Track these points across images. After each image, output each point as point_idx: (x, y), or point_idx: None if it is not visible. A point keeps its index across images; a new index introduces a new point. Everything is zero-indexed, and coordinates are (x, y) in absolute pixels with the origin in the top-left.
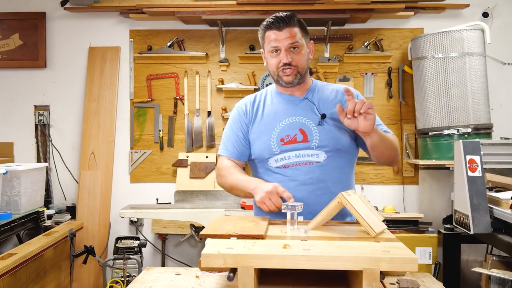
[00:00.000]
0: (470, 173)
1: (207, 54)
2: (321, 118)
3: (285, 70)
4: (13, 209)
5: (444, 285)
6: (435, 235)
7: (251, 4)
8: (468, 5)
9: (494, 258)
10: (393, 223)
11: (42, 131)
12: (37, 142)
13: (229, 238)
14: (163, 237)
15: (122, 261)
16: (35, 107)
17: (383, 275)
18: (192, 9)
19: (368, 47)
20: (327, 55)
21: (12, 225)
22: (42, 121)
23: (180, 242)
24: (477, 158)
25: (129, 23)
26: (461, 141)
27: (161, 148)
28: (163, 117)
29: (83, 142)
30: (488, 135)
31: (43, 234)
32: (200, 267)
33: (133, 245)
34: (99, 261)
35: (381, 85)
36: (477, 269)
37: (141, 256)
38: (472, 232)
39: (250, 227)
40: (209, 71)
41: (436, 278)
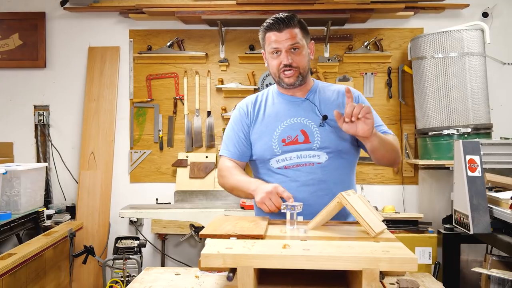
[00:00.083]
0: (469, 173)
1: (206, 54)
2: (322, 119)
3: (286, 72)
4: (12, 209)
5: (443, 285)
6: (435, 235)
7: (251, 4)
8: (468, 5)
9: (494, 258)
10: (393, 223)
11: (42, 131)
12: (36, 142)
13: (229, 238)
14: (162, 237)
15: (122, 261)
16: (35, 107)
17: (382, 275)
18: (191, 9)
19: (368, 47)
20: (326, 55)
21: (11, 225)
22: (42, 121)
23: (180, 242)
24: (476, 158)
25: (129, 23)
26: (460, 141)
27: (161, 148)
28: (163, 117)
29: (83, 142)
30: (488, 135)
31: (43, 234)
32: (200, 267)
33: (132, 245)
34: (98, 261)
35: (381, 85)
36: (477, 269)
37: (140, 256)
38: (471, 232)
39: (250, 227)
40: (208, 71)
41: (436, 278)
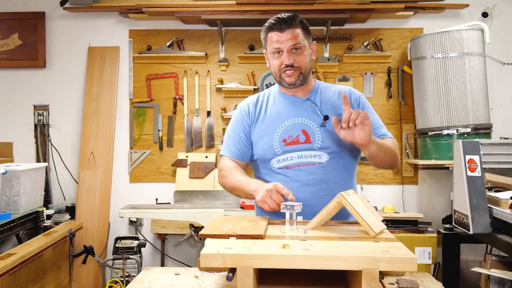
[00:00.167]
0: (469, 173)
1: (206, 54)
2: (323, 119)
3: (287, 72)
4: (12, 209)
5: (443, 285)
6: (435, 235)
7: (251, 4)
8: (467, 5)
9: (494, 258)
10: (393, 223)
11: (42, 131)
12: (36, 142)
13: (228, 238)
14: (162, 237)
15: (122, 261)
16: (35, 107)
17: (382, 275)
18: (191, 9)
19: (368, 47)
20: (326, 55)
21: (11, 225)
22: (42, 121)
23: (180, 242)
24: (476, 158)
25: (129, 23)
26: (460, 141)
27: (161, 148)
28: (163, 117)
29: (83, 142)
30: (488, 135)
31: (43, 234)
32: (199, 267)
33: (132, 245)
34: (98, 261)
35: (381, 85)
36: (477, 269)
37: (140, 256)
38: (471, 232)
39: (249, 227)
40: (208, 71)
41: (436, 278)
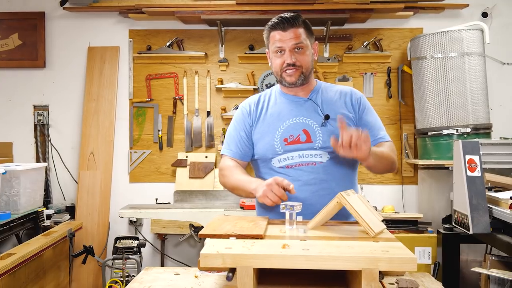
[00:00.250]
0: (469, 173)
1: (206, 54)
2: (324, 119)
3: (288, 71)
4: (12, 209)
5: (443, 285)
6: (434, 235)
7: (250, 4)
8: (467, 5)
9: (493, 258)
10: (392, 223)
11: (41, 131)
12: (36, 142)
13: (228, 238)
14: (162, 237)
15: (121, 261)
16: (34, 107)
17: (382, 275)
18: (191, 9)
19: (368, 47)
20: (326, 55)
21: (11, 225)
22: (41, 121)
23: (179, 242)
24: (476, 158)
25: (129, 23)
26: (460, 141)
27: (161, 148)
28: (163, 117)
29: (82, 142)
30: (487, 135)
31: (42, 234)
32: (199, 267)
33: (132, 245)
34: (98, 261)
35: (381, 85)
36: (477, 269)
37: (140, 256)
38: (471, 232)
39: (249, 227)
40: (208, 71)
41: (435, 278)
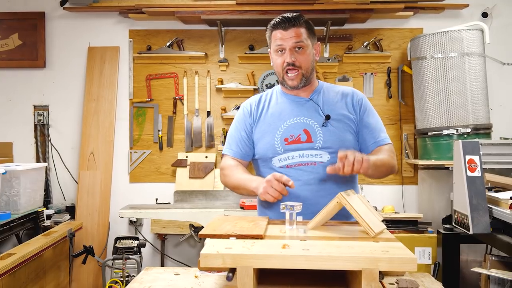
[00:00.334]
0: (469, 173)
1: (206, 54)
2: (325, 119)
3: (289, 74)
4: (12, 209)
5: (443, 285)
6: (435, 235)
7: (251, 4)
8: (467, 5)
9: (494, 258)
10: (393, 223)
11: (41, 131)
12: (36, 142)
13: (228, 238)
14: (162, 237)
15: (121, 261)
16: (34, 107)
17: (382, 275)
18: (191, 9)
19: (368, 47)
20: (326, 55)
21: (11, 225)
22: (41, 121)
23: (179, 242)
24: (476, 158)
25: (129, 23)
26: (460, 141)
27: (161, 148)
28: (163, 117)
29: (82, 142)
30: (488, 135)
31: (42, 234)
32: (199, 267)
33: (132, 245)
34: (98, 261)
35: (381, 85)
36: (477, 269)
37: (140, 256)
38: (471, 232)
39: (249, 227)
40: (208, 71)
41: (436, 278)
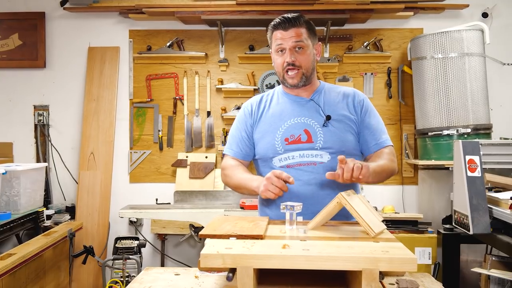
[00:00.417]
0: (469, 173)
1: (206, 54)
2: (326, 119)
3: (289, 72)
4: (12, 209)
5: (443, 285)
6: (435, 235)
7: (251, 4)
8: (467, 6)
9: (494, 258)
10: (393, 223)
11: (42, 131)
12: (36, 142)
13: (228, 238)
14: (162, 237)
15: (122, 261)
16: (35, 107)
17: (382, 275)
18: (191, 9)
19: (368, 47)
20: (326, 55)
21: (11, 225)
22: (42, 121)
23: (180, 242)
24: (476, 158)
25: (129, 23)
26: (460, 141)
27: (161, 148)
28: (163, 117)
29: (83, 142)
30: (488, 135)
31: (43, 234)
32: (199, 267)
33: (132, 245)
34: (98, 261)
35: (381, 85)
36: (477, 269)
37: (140, 256)
38: (471, 232)
39: (249, 227)
40: (208, 71)
41: (436, 278)
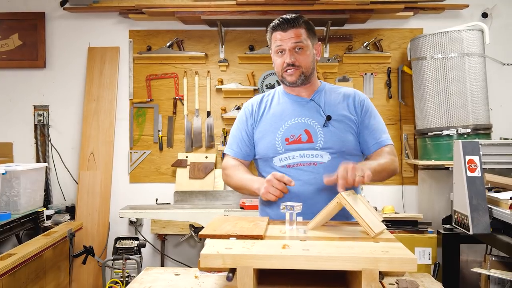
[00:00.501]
0: (469, 174)
1: (206, 55)
2: (326, 119)
3: (288, 70)
4: (12, 209)
5: (443, 285)
6: (435, 235)
7: (251, 5)
8: (467, 6)
9: (494, 258)
10: (393, 224)
11: (42, 131)
12: (36, 142)
13: (228, 238)
14: (162, 238)
15: (122, 261)
16: (35, 107)
17: (382, 275)
18: (191, 9)
19: (368, 48)
20: (326, 55)
21: (11, 225)
22: (42, 121)
23: (180, 243)
24: (476, 159)
25: (129, 23)
26: (460, 141)
27: (161, 149)
28: (163, 117)
29: (83, 142)
30: (488, 136)
31: (43, 234)
32: (199, 267)
33: (132, 246)
34: (98, 261)
35: (381, 86)
36: (477, 270)
37: (140, 257)
38: (471, 233)
39: (249, 227)
40: (208, 71)
41: (436, 279)
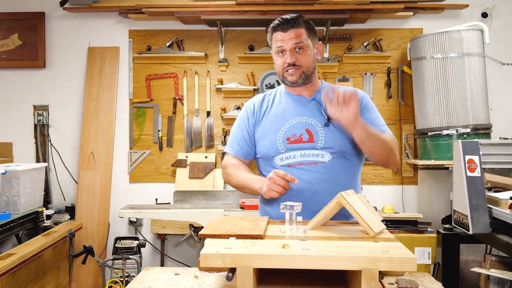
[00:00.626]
0: (469, 173)
1: (206, 54)
2: (327, 119)
3: (289, 70)
4: (12, 209)
5: (443, 285)
6: (434, 235)
7: (250, 4)
8: (467, 6)
9: (493, 258)
10: (392, 223)
11: (41, 131)
12: (36, 142)
13: (228, 238)
14: (162, 237)
15: (121, 261)
16: (34, 107)
17: (382, 275)
18: (191, 9)
19: (367, 47)
20: (326, 55)
21: (11, 225)
22: (41, 121)
23: (179, 242)
24: (476, 158)
25: (128, 23)
26: (460, 141)
27: (160, 148)
28: (162, 117)
29: (82, 142)
30: (487, 135)
31: (42, 234)
32: (199, 267)
33: (132, 245)
34: (98, 261)
35: (380, 85)
36: (476, 269)
37: (140, 256)
38: (471, 232)
39: (249, 227)
40: (208, 71)
41: (435, 278)
